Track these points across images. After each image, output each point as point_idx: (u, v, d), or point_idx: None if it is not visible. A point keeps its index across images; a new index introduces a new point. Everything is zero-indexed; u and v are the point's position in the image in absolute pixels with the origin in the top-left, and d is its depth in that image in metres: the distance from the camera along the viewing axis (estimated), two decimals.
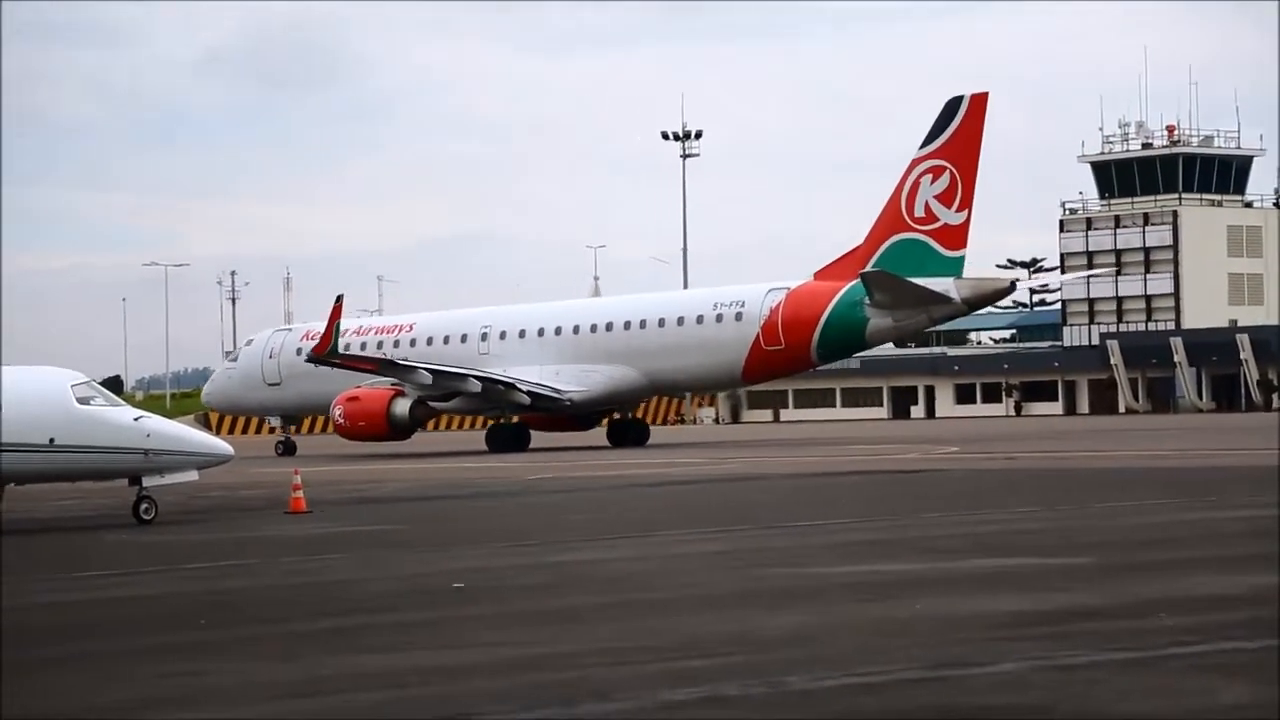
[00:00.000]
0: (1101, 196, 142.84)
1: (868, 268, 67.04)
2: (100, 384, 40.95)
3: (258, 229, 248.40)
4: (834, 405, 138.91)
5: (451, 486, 48.57)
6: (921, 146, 67.29)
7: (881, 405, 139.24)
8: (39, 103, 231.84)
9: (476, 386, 72.67)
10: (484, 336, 76.29)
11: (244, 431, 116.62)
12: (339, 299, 71.81)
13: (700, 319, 70.55)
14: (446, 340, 77.17)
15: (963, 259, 66.95)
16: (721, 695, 14.98)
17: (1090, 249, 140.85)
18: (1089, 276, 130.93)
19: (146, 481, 38.04)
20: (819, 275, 70.67)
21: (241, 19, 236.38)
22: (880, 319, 67.23)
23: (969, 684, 15.14)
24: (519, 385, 72.96)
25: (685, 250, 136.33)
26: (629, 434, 75.92)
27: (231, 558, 29.34)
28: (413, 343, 77.53)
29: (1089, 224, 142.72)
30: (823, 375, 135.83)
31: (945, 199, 66.28)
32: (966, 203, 66.46)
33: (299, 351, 78.01)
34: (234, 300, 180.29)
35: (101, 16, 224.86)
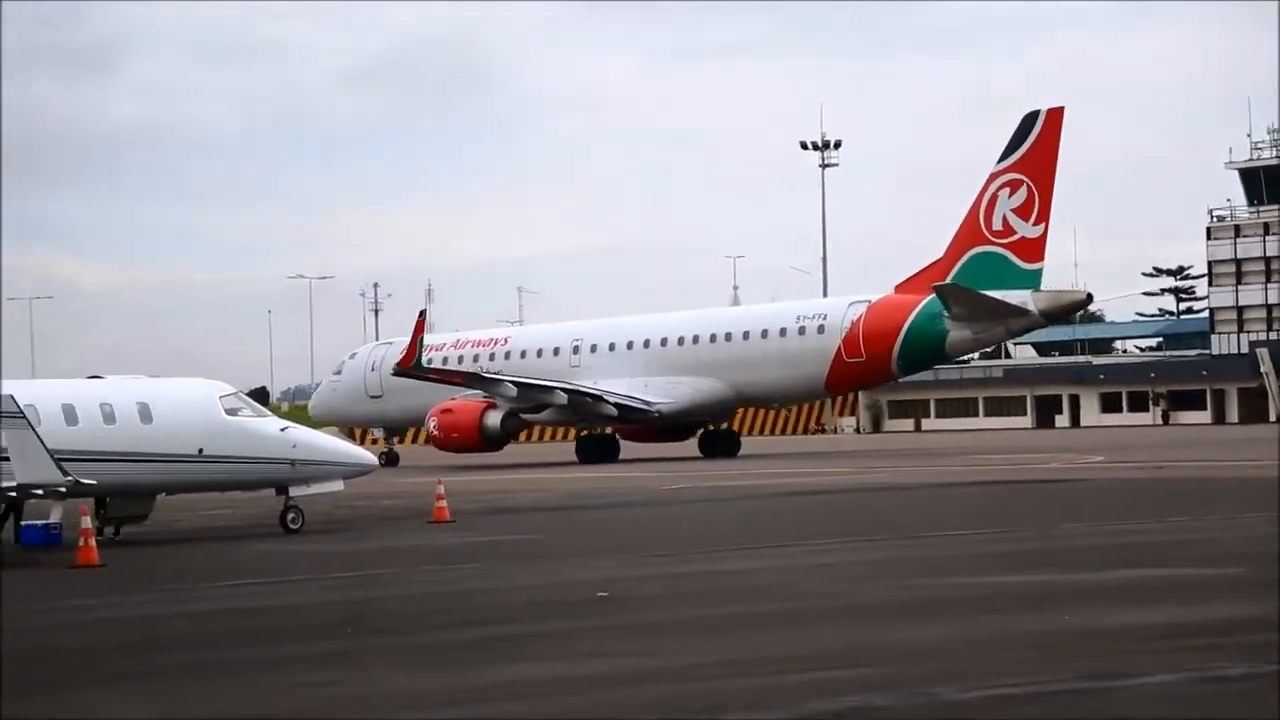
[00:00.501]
0: (1250, 203, 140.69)
1: (945, 281, 67.66)
2: (247, 395, 41.38)
3: (401, 241, 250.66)
4: (977, 415, 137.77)
5: (590, 497, 48.61)
6: (999, 160, 67.77)
7: (1025, 414, 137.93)
8: (189, 119, 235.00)
9: (563, 399, 73.79)
10: (575, 350, 77.27)
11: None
12: (422, 313, 73.37)
13: (783, 332, 71.46)
14: (540, 354, 78.28)
15: (1040, 271, 67.38)
16: (872, 705, 14.83)
17: (1238, 256, 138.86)
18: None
19: (293, 491, 38.38)
20: (900, 288, 71.32)
21: (388, 33, 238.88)
22: (959, 331, 67.83)
23: (1121, 696, 14.89)
24: (606, 397, 73.99)
25: (825, 260, 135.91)
26: (720, 445, 76.71)
27: (376, 567, 29.49)
28: (507, 355, 78.78)
29: (1237, 231, 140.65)
30: (966, 385, 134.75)
31: (1022, 212, 66.74)
32: (1044, 216, 66.90)
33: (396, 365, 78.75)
34: (377, 311, 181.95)
35: (248, 33, 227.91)
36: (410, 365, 72.76)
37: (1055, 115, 67.12)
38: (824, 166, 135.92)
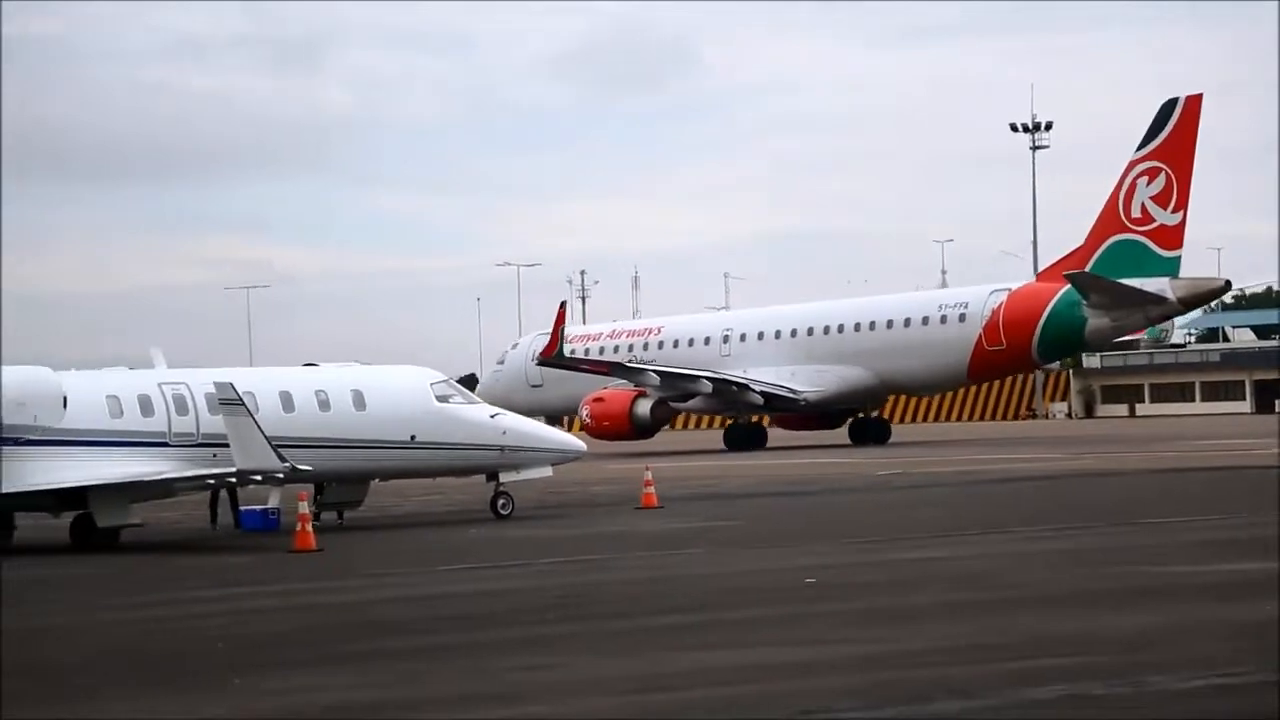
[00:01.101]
0: None
1: (1085, 269, 67.72)
2: (456, 382, 41.95)
3: (607, 228, 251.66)
4: (1193, 399, 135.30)
5: (799, 483, 48.58)
6: (1138, 149, 67.74)
7: (1244, 399, 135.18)
8: (396, 108, 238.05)
9: (708, 387, 74.48)
10: (725, 339, 78.01)
11: None
12: (562, 305, 74.42)
13: (925, 320, 71.88)
14: (691, 343, 79.14)
15: (1178, 259, 67.32)
16: (1084, 694, 14.73)
17: None
18: None
19: (503, 477, 38.85)
20: (1041, 276, 71.38)
21: (588, 22, 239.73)
22: (1098, 319, 67.90)
23: None
24: (752, 386, 74.55)
25: (1035, 243, 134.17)
26: (870, 432, 76.96)
27: (586, 553, 29.77)
28: (660, 345, 79.70)
29: None
30: (1182, 369, 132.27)
31: (1161, 200, 66.91)
32: (1182, 204, 66.81)
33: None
34: (584, 299, 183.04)
35: (449, 21, 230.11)
36: (552, 355, 73.67)
37: (1193, 103, 67.01)
38: (1035, 149, 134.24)
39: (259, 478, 34.23)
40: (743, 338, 77.22)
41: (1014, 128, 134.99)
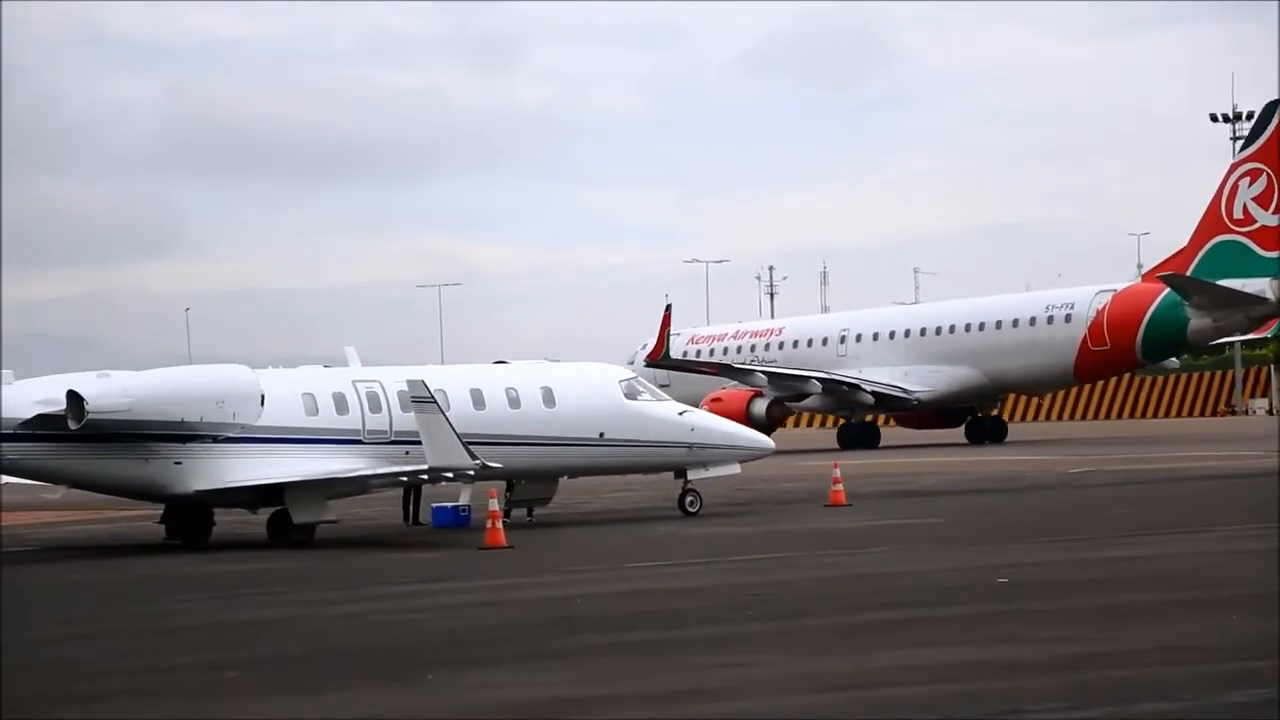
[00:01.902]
0: None
1: (1188, 270, 68.39)
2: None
3: (797, 223, 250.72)
4: None
5: (994, 480, 48.12)
6: (1241, 149, 68.71)
7: None
8: (591, 103, 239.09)
9: (817, 387, 75.19)
10: (842, 339, 78.79)
11: None
12: (668, 308, 75.50)
13: (1033, 321, 72.67)
14: (810, 343, 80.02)
15: (1279, 260, 67.54)
16: None
17: None
18: None
19: (691, 474, 38.92)
20: (1146, 277, 72.19)
21: (787, 15, 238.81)
22: (1199, 320, 68.34)
23: None
24: (863, 385, 75.25)
25: None
26: (986, 431, 77.40)
27: (777, 550, 29.75)
28: (780, 345, 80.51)
29: None
30: None
31: (1262, 201, 67.37)
32: None
33: (684, 355, 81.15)
34: (772, 295, 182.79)
35: (646, 16, 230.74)
36: (660, 357, 74.51)
37: None
38: (1234, 139, 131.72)
39: (450, 475, 34.59)
40: (859, 338, 78.31)
41: (1213, 118, 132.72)
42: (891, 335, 77.00)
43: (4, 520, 43.30)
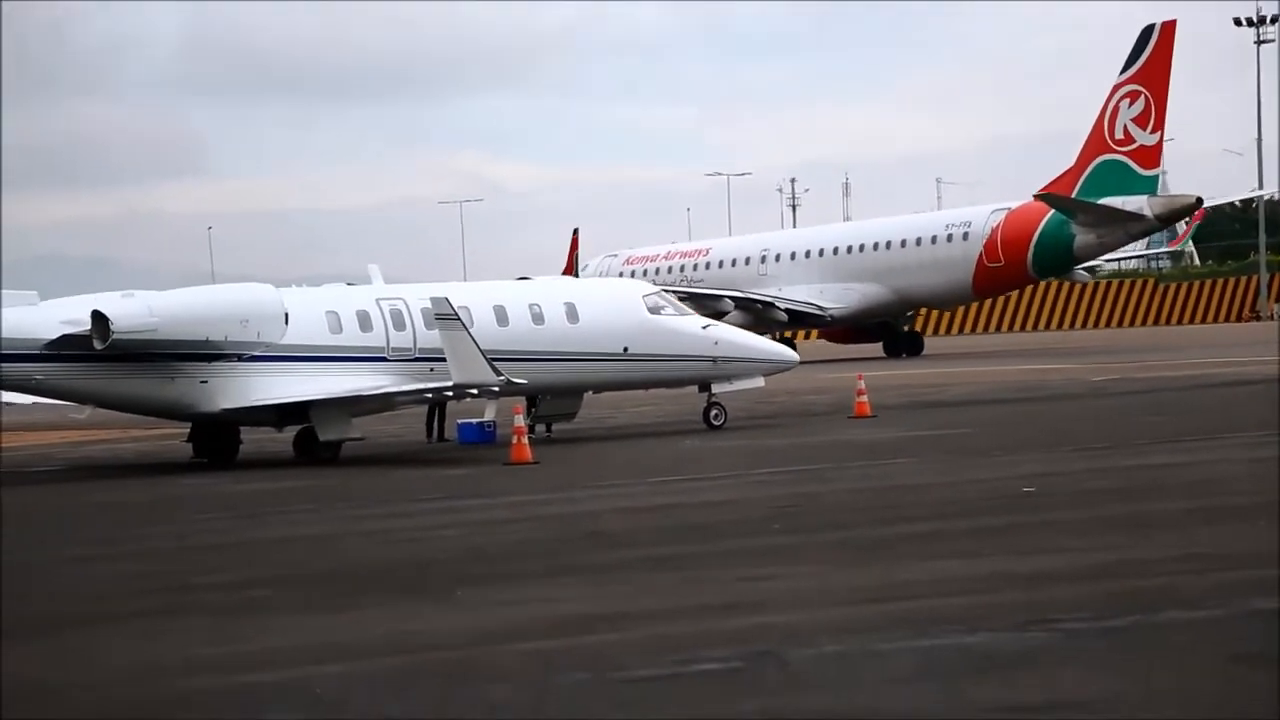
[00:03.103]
0: None
1: (1073, 188, 71.44)
2: None
3: (819, 135, 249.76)
4: None
5: (1019, 390, 48.05)
6: (1121, 72, 71.32)
7: None
8: (609, 20, 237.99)
9: (730, 306, 76.18)
10: (763, 259, 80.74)
11: None
12: (575, 232, 76.81)
13: (934, 239, 75.39)
14: (734, 263, 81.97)
15: (1157, 177, 71.61)
16: None
17: None
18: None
19: (716, 388, 38.92)
20: (1038, 196, 74.40)
21: None
22: (1084, 235, 71.29)
23: None
24: (777, 304, 76.95)
25: (1259, 142, 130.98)
26: (902, 345, 79.48)
27: (801, 463, 29.76)
28: (707, 266, 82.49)
29: None
30: None
31: (1140, 121, 70.77)
32: (1159, 125, 70.83)
33: (619, 275, 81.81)
34: (794, 207, 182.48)
35: None
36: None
37: (1169, 28, 70.89)
38: (1259, 43, 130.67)
39: (475, 391, 34.63)
40: (778, 258, 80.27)
41: (1237, 22, 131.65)
42: (807, 255, 79.38)
43: (32, 440, 43.52)
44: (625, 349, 38.10)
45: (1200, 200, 77.12)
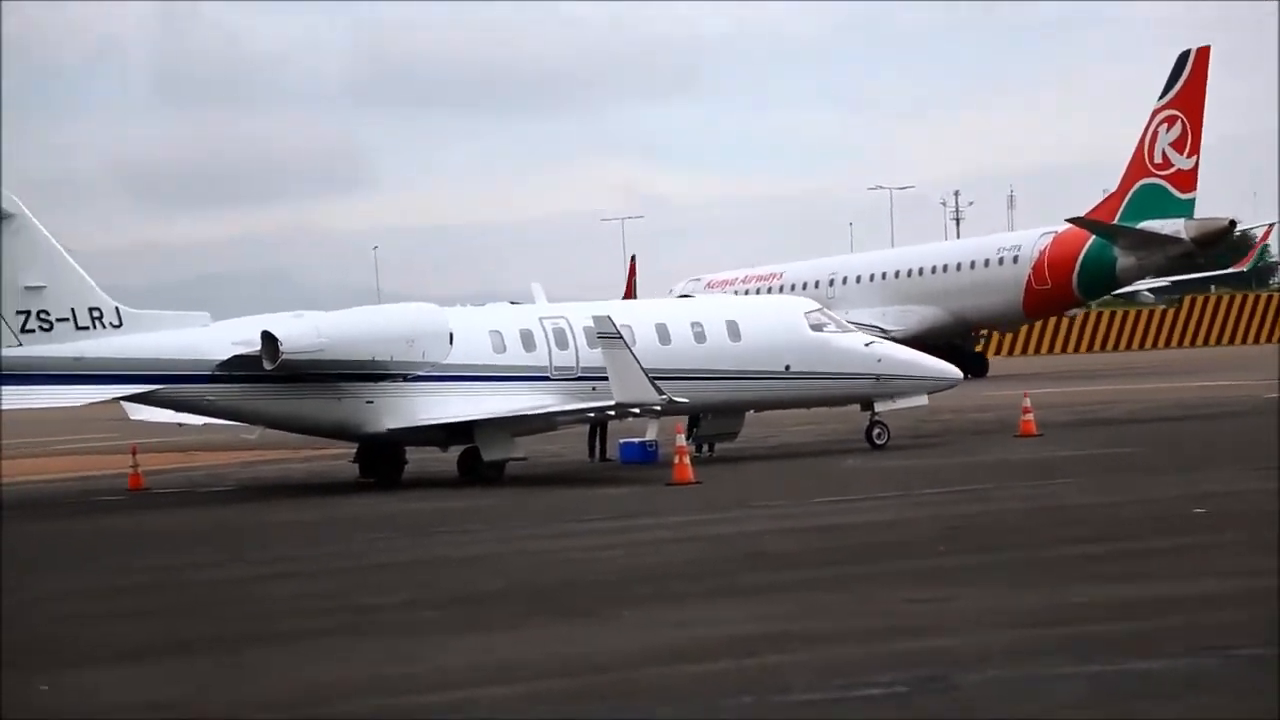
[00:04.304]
0: None
1: (1116, 212, 72.93)
2: None
3: (983, 145, 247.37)
4: None
5: (1189, 407, 47.33)
6: (1159, 98, 72.82)
7: None
8: (774, 30, 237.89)
9: None
10: (831, 283, 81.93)
11: None
12: (633, 258, 76.77)
13: (987, 263, 77.18)
14: (805, 286, 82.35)
15: (1193, 201, 72.39)
16: None
17: None
18: None
19: (878, 406, 38.70)
20: (1069, 220, 75.93)
21: None
22: (1125, 258, 72.98)
23: None
24: None
25: None
26: (965, 365, 79.00)
27: (966, 483, 29.54)
28: (781, 289, 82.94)
29: None
30: None
31: (1178, 146, 72.16)
32: (1195, 149, 72.03)
33: None
34: (958, 220, 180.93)
35: None
36: None
37: (1203, 54, 72.09)
38: None
39: (637, 410, 34.72)
40: (844, 281, 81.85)
41: None
42: (872, 278, 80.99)
43: (205, 460, 44.30)
44: (787, 367, 38.01)
45: (1234, 223, 78.29)
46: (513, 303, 40.58)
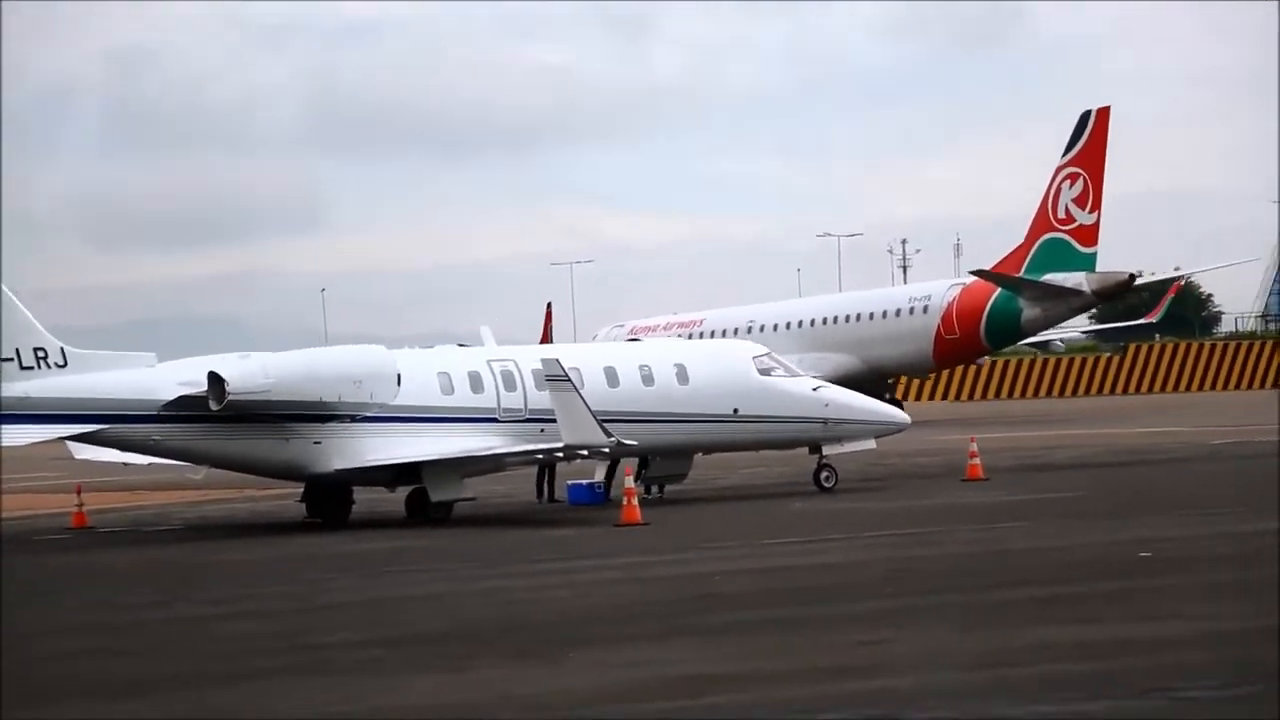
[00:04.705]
0: None
1: (1022, 265, 75.15)
2: None
3: (931, 193, 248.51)
4: None
5: (1131, 452, 47.64)
6: (1063, 155, 75.15)
7: None
8: (726, 75, 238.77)
9: None
10: (749, 330, 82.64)
11: None
12: (549, 305, 78.35)
13: (899, 312, 78.73)
14: (724, 334, 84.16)
15: (1094, 255, 74.61)
16: None
17: None
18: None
19: (826, 450, 38.81)
20: (994, 269, 78.22)
21: None
22: (1030, 310, 74.77)
23: None
24: None
25: None
26: None
27: (915, 526, 29.65)
28: (702, 335, 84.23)
29: None
30: None
31: (1080, 202, 74.36)
32: (1096, 205, 74.22)
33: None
34: (904, 268, 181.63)
35: None
36: None
37: (1103, 114, 74.78)
38: None
39: (585, 452, 34.74)
40: (762, 329, 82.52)
41: None
42: (789, 326, 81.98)
43: (151, 499, 44.07)
44: (735, 410, 38.11)
45: (1134, 276, 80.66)
46: (461, 345, 40.55)
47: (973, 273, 77.94)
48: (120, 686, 16.86)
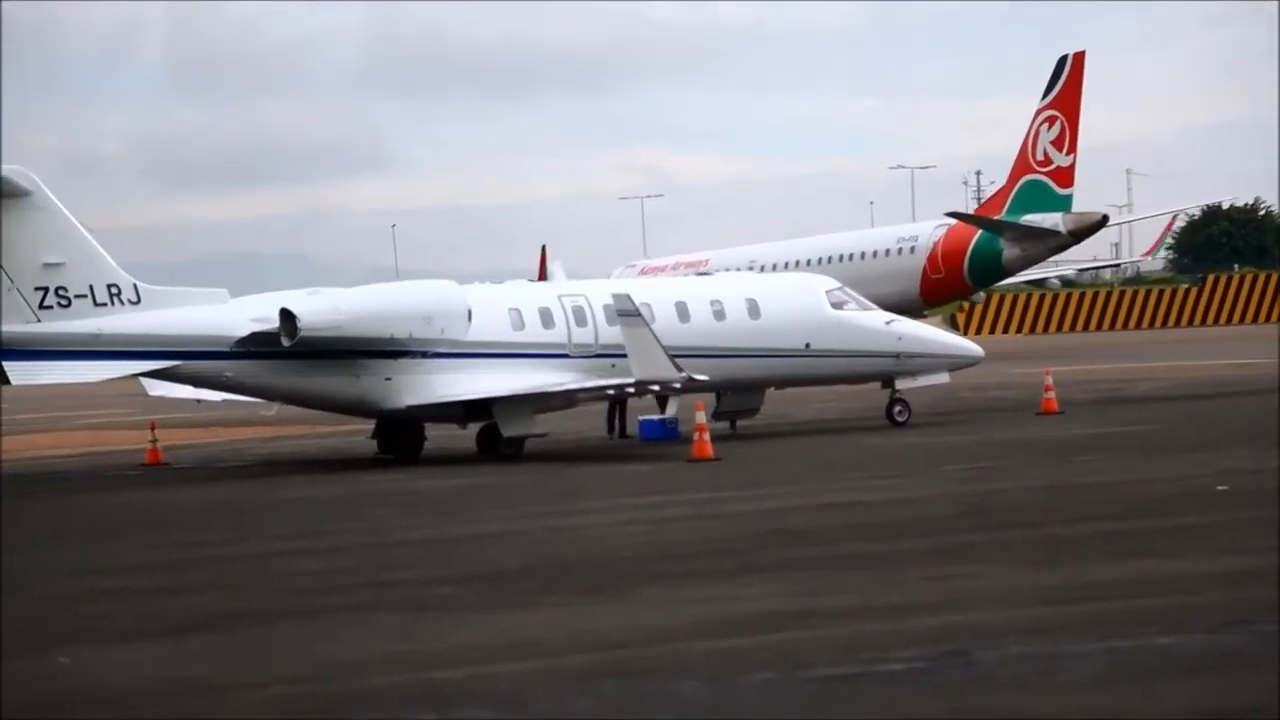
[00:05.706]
0: None
1: (1004, 206, 76.56)
2: None
3: (1008, 127, 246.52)
4: None
5: (1212, 385, 47.11)
6: (1042, 98, 76.36)
7: None
8: (794, 14, 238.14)
9: None
10: (750, 268, 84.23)
11: None
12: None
13: (887, 252, 79.72)
14: (727, 272, 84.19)
15: (1070, 196, 75.60)
16: None
17: None
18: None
19: (899, 384, 38.59)
20: (979, 209, 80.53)
21: None
22: (1010, 250, 75.81)
23: None
24: None
25: None
26: None
27: (989, 460, 29.42)
28: (707, 275, 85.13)
29: None
30: None
31: (1057, 144, 75.67)
32: (1073, 147, 75.50)
33: None
34: (979, 200, 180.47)
35: None
36: None
37: (1079, 59, 76.18)
38: None
39: (657, 387, 34.64)
40: (762, 268, 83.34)
41: None
42: (786, 265, 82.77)
43: (224, 435, 44.30)
44: (807, 344, 37.90)
45: (1106, 217, 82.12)
46: (532, 280, 40.46)
47: (949, 214, 79.60)
48: (190, 623, 16.88)
